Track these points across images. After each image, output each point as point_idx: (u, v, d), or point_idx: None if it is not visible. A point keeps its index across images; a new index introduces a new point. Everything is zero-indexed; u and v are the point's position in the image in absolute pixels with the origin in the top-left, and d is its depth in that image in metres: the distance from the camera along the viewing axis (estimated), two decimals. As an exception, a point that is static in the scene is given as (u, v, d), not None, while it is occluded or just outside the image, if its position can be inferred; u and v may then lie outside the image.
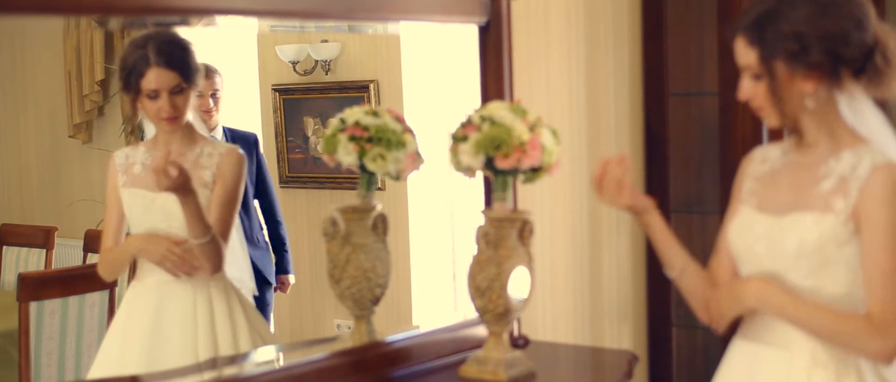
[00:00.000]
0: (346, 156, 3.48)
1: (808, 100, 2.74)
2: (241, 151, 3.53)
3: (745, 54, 2.77)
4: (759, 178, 2.95)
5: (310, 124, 4.25)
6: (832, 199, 2.74)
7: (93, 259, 3.79)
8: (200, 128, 3.55)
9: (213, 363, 3.39)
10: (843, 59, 2.71)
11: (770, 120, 2.80)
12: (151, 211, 3.40)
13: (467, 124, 3.31)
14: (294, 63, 4.34)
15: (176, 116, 3.41)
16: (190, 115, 3.48)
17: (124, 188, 3.44)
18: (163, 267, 3.37)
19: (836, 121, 2.78)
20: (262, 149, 3.91)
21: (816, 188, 2.77)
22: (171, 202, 3.37)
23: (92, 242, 4.04)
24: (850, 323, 2.70)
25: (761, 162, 2.98)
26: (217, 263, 3.47)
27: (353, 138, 3.46)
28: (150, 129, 3.50)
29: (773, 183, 2.90)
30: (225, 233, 3.48)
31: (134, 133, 3.61)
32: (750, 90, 2.79)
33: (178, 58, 3.39)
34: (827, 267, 2.74)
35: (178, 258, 3.34)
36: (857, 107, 2.78)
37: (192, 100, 3.45)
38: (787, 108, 2.74)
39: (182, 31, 3.48)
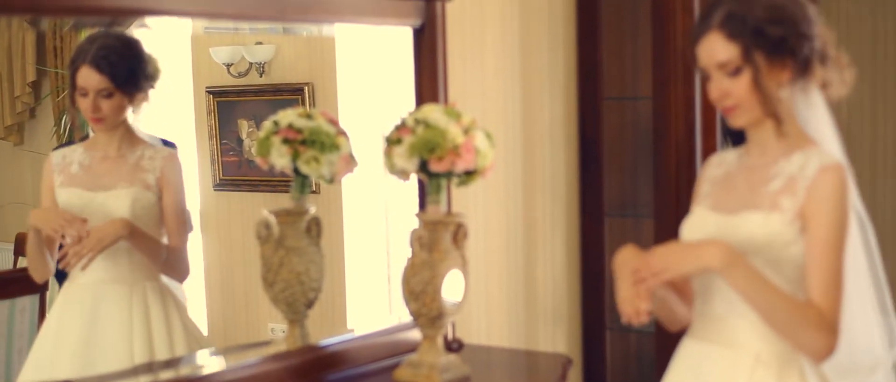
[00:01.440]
0: (280, 158, 3.47)
1: (783, 91, 2.79)
2: (177, 151, 3.52)
3: (724, 49, 2.76)
4: (714, 181, 2.99)
5: (244, 127, 4.21)
6: (780, 198, 2.78)
7: (23, 263, 3.75)
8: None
9: (150, 367, 3.36)
10: (813, 48, 2.78)
11: (744, 117, 2.82)
12: (89, 211, 3.36)
13: (401, 127, 3.31)
14: (228, 65, 4.30)
15: (99, 118, 3.37)
16: (132, 118, 3.45)
17: (61, 187, 3.40)
18: (63, 243, 3.31)
19: (792, 121, 2.83)
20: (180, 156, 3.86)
21: (766, 188, 2.81)
22: (111, 200, 3.35)
23: (22, 246, 3.99)
24: (805, 312, 2.72)
25: (717, 165, 3.02)
26: (183, 272, 3.49)
27: (286, 141, 3.45)
28: None
29: (728, 184, 2.94)
30: (184, 240, 3.49)
31: (77, 127, 3.57)
32: (726, 87, 2.79)
33: (111, 61, 3.35)
34: (774, 267, 2.77)
35: (76, 232, 3.26)
36: (812, 101, 2.85)
37: (136, 103, 3.41)
38: (767, 101, 2.77)
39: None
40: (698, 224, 2.93)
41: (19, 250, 3.99)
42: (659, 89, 4.76)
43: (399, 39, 3.89)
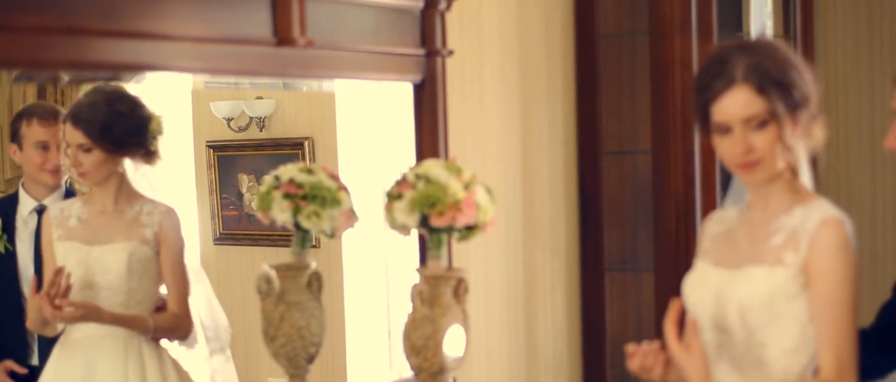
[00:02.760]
0: (281, 213, 3.47)
1: (797, 144, 2.76)
2: (176, 211, 3.51)
3: (753, 103, 2.70)
4: (716, 237, 2.96)
5: (244, 181, 4.22)
6: (783, 253, 2.74)
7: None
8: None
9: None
10: (815, 102, 2.77)
11: (765, 172, 2.76)
12: (86, 264, 3.37)
13: (402, 182, 3.31)
14: (228, 119, 4.31)
15: (81, 172, 3.40)
16: (131, 172, 3.46)
17: (59, 241, 3.41)
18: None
19: (797, 175, 2.82)
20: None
21: (768, 242, 2.78)
22: (107, 254, 3.35)
23: None
24: None
25: (718, 222, 2.99)
26: (183, 333, 3.49)
27: (287, 195, 3.46)
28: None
29: (729, 240, 2.91)
30: (185, 296, 3.48)
31: (77, 180, 3.57)
32: (751, 142, 2.73)
33: (88, 117, 3.36)
34: (776, 322, 2.74)
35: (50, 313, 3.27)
36: (803, 154, 2.81)
37: (124, 159, 3.42)
38: (790, 155, 2.75)
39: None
40: (700, 279, 2.91)
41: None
42: (658, 143, 4.77)
43: (399, 94, 3.90)
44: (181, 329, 3.51)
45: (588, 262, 5.08)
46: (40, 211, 3.54)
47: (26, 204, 3.59)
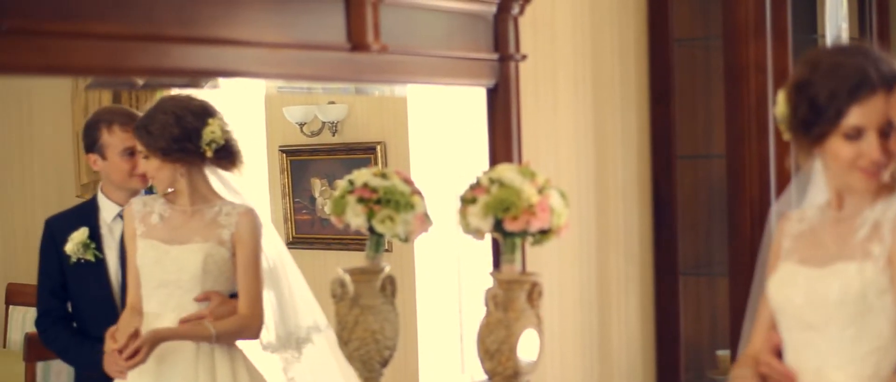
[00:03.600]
0: (355, 217, 3.48)
1: None
2: (254, 210, 3.52)
3: (888, 109, 2.74)
4: (798, 236, 2.95)
5: (317, 185, 4.24)
6: (869, 246, 2.75)
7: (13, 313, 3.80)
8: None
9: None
10: None
11: (886, 176, 2.77)
12: (163, 264, 3.40)
13: (476, 186, 3.31)
14: (301, 124, 4.34)
15: (142, 176, 3.47)
16: (212, 178, 3.49)
17: (141, 238, 3.44)
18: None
19: None
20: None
21: (854, 238, 2.79)
22: (184, 254, 3.38)
23: (12, 296, 4.03)
24: None
25: (798, 221, 2.98)
26: (254, 332, 3.50)
27: (361, 200, 3.46)
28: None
29: (814, 239, 2.90)
30: (255, 297, 3.48)
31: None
32: (886, 146, 2.75)
33: (142, 125, 3.41)
34: (867, 316, 2.74)
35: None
36: None
37: (184, 166, 3.44)
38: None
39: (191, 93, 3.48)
40: (788, 279, 2.89)
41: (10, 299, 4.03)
42: (733, 147, 4.74)
43: (471, 99, 3.90)
44: (250, 329, 3.51)
45: (662, 266, 5.06)
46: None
47: (109, 210, 3.62)
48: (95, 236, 3.59)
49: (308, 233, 4.22)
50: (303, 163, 4.28)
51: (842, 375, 2.79)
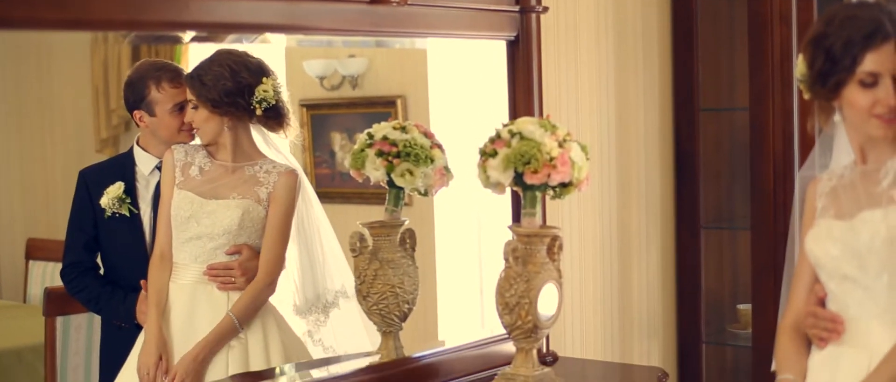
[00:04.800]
0: (374, 171, 3.47)
1: None
2: (298, 173, 3.50)
3: None
4: (829, 194, 2.99)
5: (337, 139, 4.22)
6: (893, 191, 2.81)
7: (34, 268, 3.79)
8: None
9: (243, 377, 3.36)
10: None
11: None
12: (198, 218, 3.38)
13: (496, 139, 3.29)
14: (321, 78, 4.32)
15: (195, 128, 3.43)
16: (257, 135, 3.48)
17: (179, 187, 3.43)
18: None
19: None
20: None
21: (879, 187, 2.84)
22: (221, 209, 3.36)
23: (32, 251, 4.02)
24: None
25: (828, 180, 3.02)
26: (270, 293, 3.48)
27: (380, 153, 3.45)
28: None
29: (845, 193, 2.95)
30: (278, 260, 3.46)
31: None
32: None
33: (195, 76, 3.39)
34: None
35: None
36: None
37: (232, 118, 3.42)
38: None
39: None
40: (824, 233, 2.93)
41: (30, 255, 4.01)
42: (756, 100, 4.72)
43: (491, 52, 3.88)
44: (266, 292, 3.49)
45: (683, 220, 5.05)
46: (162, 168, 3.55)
47: (146, 163, 3.59)
48: (130, 190, 3.58)
49: (328, 187, 4.20)
50: (323, 117, 4.26)
51: (878, 323, 2.85)
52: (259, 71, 3.41)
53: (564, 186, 3.30)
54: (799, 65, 2.94)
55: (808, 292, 3.02)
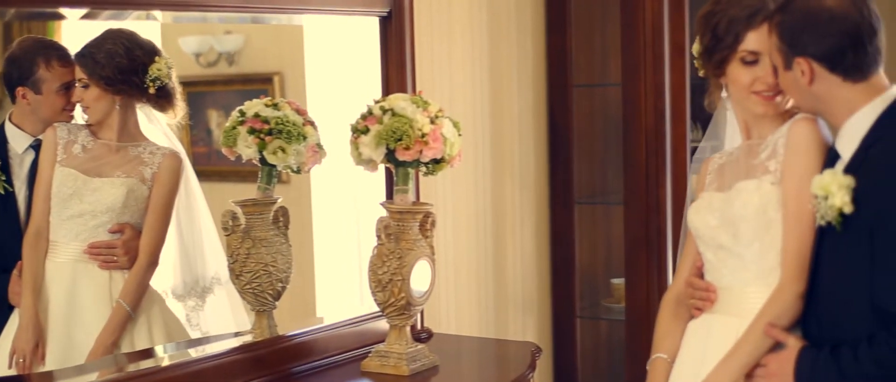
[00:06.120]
0: (246, 148, 3.46)
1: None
2: (181, 157, 3.48)
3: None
4: (717, 170, 3.10)
5: (213, 117, 4.19)
6: (768, 162, 2.91)
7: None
8: None
9: (128, 357, 3.34)
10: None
11: (782, 105, 2.97)
12: (82, 195, 3.34)
13: (368, 116, 3.30)
14: (197, 55, 4.27)
15: (84, 108, 3.38)
16: (143, 117, 3.44)
17: (60, 165, 3.38)
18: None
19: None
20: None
21: (757, 159, 2.94)
22: (106, 187, 3.33)
23: None
24: (774, 304, 2.83)
25: (719, 159, 3.13)
26: (151, 273, 3.46)
27: (252, 131, 3.44)
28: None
29: (729, 168, 3.05)
30: (158, 240, 3.44)
31: None
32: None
33: (87, 54, 3.34)
34: (769, 231, 2.87)
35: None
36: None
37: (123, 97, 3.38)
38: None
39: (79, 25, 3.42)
40: (704, 205, 3.03)
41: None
42: (628, 76, 4.76)
43: (367, 28, 3.87)
44: (149, 274, 3.47)
45: (557, 195, 5.08)
46: (37, 146, 3.49)
47: (19, 141, 3.52)
48: (4, 168, 3.52)
49: (206, 165, 4.17)
50: (199, 95, 4.21)
51: (750, 290, 2.94)
52: (152, 50, 3.40)
53: (437, 162, 3.32)
54: (696, 43, 3.05)
55: (693, 265, 3.10)
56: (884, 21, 2.79)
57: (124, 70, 3.34)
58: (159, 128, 3.52)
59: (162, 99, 3.42)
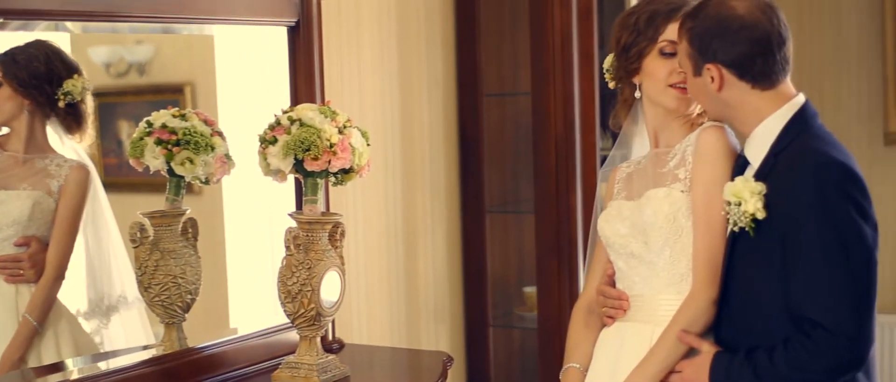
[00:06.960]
0: (154, 159, 3.44)
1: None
2: (89, 169, 3.46)
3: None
4: (625, 179, 3.14)
5: (124, 128, 4.16)
6: (677, 171, 2.95)
7: None
8: None
9: (36, 371, 3.30)
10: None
11: (697, 107, 3.04)
12: None
13: (276, 126, 3.30)
14: (107, 65, 4.25)
15: None
16: (51, 131, 3.41)
17: None
18: None
19: None
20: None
21: (665, 167, 2.98)
22: (11, 199, 3.30)
23: None
24: (687, 311, 2.87)
25: (626, 168, 3.17)
26: (58, 287, 3.42)
27: (159, 142, 3.42)
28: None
29: (637, 176, 3.09)
30: (65, 254, 3.41)
31: None
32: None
33: (9, 52, 3.33)
34: (680, 239, 2.91)
35: None
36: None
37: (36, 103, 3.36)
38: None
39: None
40: (613, 213, 3.06)
41: None
42: (537, 85, 4.78)
43: (278, 38, 3.87)
44: (56, 288, 3.44)
45: (469, 204, 5.09)
46: None
47: None
48: None
49: (116, 177, 4.14)
50: (110, 106, 4.18)
51: (661, 297, 2.98)
52: (73, 68, 3.40)
53: (346, 172, 3.32)
54: (607, 59, 3.13)
55: (603, 273, 3.12)
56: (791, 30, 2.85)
57: (39, 76, 3.33)
58: (69, 142, 3.49)
59: (70, 117, 3.41)
